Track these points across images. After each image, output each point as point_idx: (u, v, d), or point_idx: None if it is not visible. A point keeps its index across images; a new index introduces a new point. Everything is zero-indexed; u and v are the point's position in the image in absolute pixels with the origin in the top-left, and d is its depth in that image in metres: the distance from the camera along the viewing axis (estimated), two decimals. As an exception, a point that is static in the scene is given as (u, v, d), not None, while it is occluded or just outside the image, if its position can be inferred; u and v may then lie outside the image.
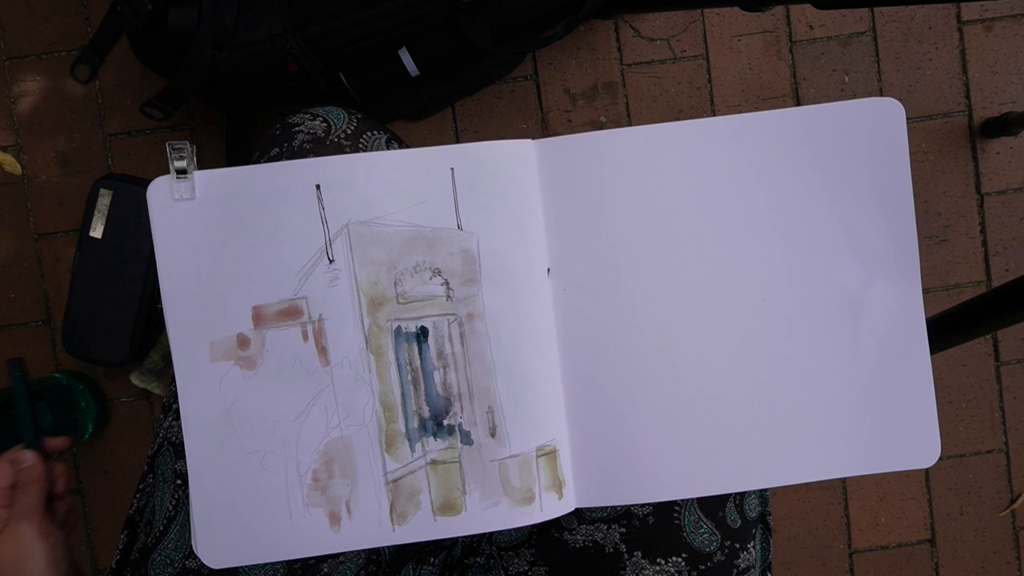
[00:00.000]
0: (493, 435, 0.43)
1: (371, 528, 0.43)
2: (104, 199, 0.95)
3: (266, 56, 0.83)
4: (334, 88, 0.91)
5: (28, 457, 0.48)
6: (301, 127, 0.53)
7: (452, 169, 0.42)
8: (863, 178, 0.43)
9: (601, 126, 1.08)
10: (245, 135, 1.04)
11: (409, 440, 0.43)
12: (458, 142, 1.07)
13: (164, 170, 0.42)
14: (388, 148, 0.55)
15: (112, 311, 0.96)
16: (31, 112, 1.05)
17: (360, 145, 0.53)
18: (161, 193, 0.42)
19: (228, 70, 0.84)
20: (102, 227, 0.95)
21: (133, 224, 0.95)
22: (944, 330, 0.45)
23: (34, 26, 1.05)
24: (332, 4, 0.81)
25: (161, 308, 0.96)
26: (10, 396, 0.50)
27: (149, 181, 1.04)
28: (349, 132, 0.53)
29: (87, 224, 0.95)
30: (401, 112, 1.04)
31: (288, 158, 0.50)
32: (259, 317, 0.42)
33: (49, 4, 1.04)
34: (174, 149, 0.41)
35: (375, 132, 0.55)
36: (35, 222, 1.06)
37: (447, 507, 0.43)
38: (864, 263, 0.44)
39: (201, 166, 1.04)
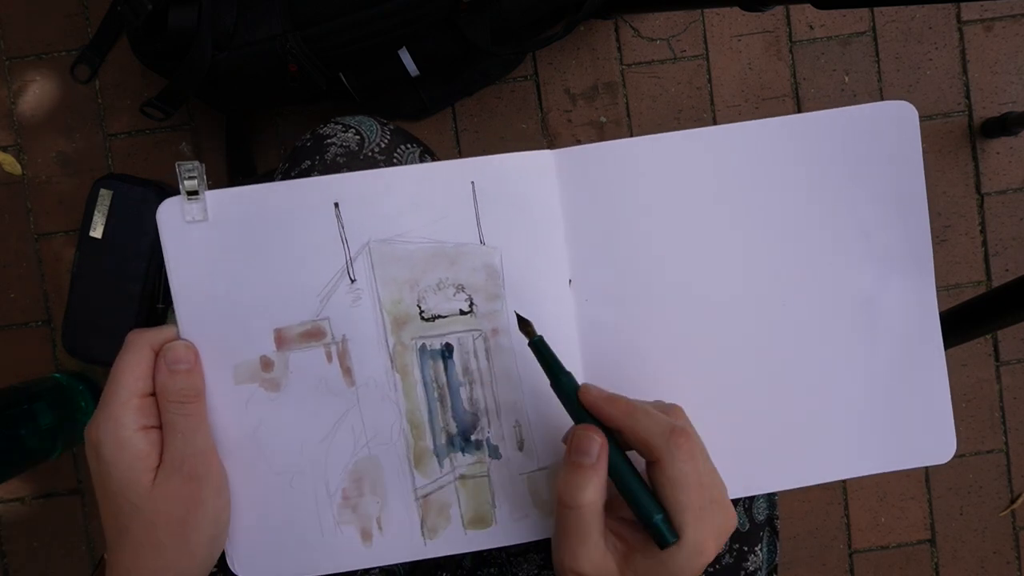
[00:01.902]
0: (521, 449, 0.43)
1: (403, 543, 0.43)
2: (104, 199, 0.95)
3: (266, 56, 0.83)
4: (334, 88, 0.91)
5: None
6: (333, 139, 0.52)
7: (472, 183, 0.42)
8: (878, 180, 0.43)
9: (601, 126, 1.08)
10: (245, 135, 1.04)
11: (437, 456, 0.43)
12: (458, 142, 1.07)
13: (164, 170, 0.42)
14: (421, 162, 0.54)
15: (112, 311, 0.96)
16: (31, 112, 1.05)
17: (394, 159, 0.52)
18: (172, 215, 0.40)
19: (228, 70, 0.84)
20: (102, 227, 0.95)
21: (133, 224, 0.95)
22: (944, 330, 0.45)
23: (34, 26, 1.05)
24: (332, 4, 0.81)
25: (161, 308, 0.96)
26: (10, 396, 0.49)
27: (149, 181, 1.03)
28: (383, 146, 0.52)
29: (87, 224, 0.95)
30: (401, 112, 1.04)
31: (320, 172, 0.50)
32: (281, 339, 0.41)
33: (49, 4, 1.04)
34: (184, 169, 0.40)
35: (409, 145, 0.54)
36: (35, 222, 1.06)
37: (477, 521, 0.43)
38: (880, 264, 0.44)
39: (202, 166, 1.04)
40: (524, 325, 0.40)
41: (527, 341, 0.40)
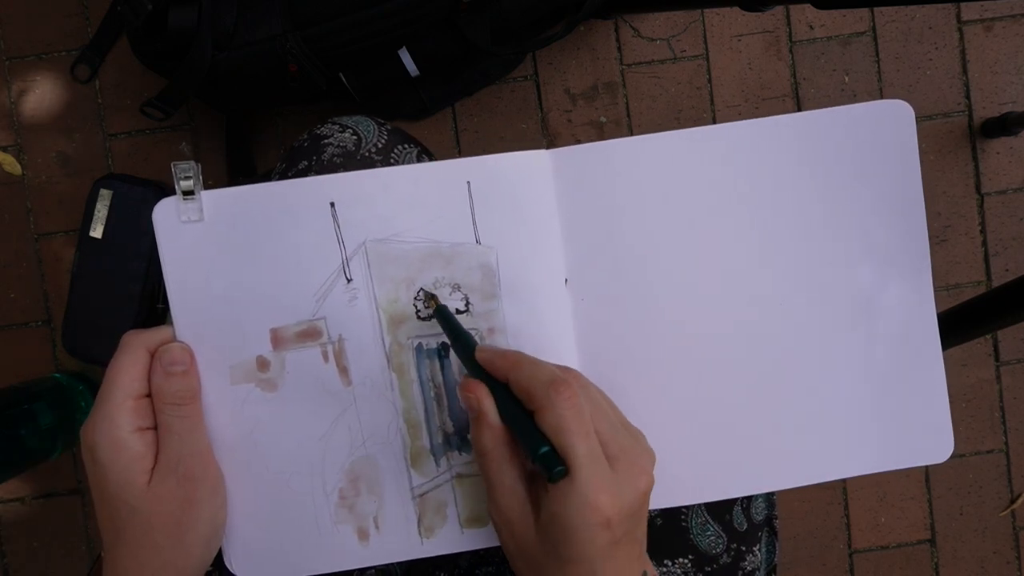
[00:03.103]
0: None
1: (400, 542, 0.43)
2: (104, 199, 0.95)
3: (266, 56, 0.83)
4: (334, 88, 0.91)
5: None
6: (330, 139, 0.52)
7: (468, 183, 0.42)
8: (875, 180, 0.43)
9: (601, 126, 1.08)
10: (245, 135, 1.04)
11: (434, 455, 0.43)
12: (458, 142, 1.07)
13: (164, 170, 0.41)
14: (419, 162, 0.54)
15: (112, 311, 0.96)
16: (31, 112, 1.05)
17: (392, 159, 0.52)
18: (168, 215, 0.40)
19: (228, 70, 0.84)
20: (102, 227, 0.95)
21: (133, 224, 0.95)
22: (944, 330, 0.45)
23: (34, 26, 1.05)
24: (332, 4, 0.81)
25: (161, 308, 0.96)
26: (10, 396, 0.49)
27: (149, 181, 1.03)
28: (380, 146, 0.52)
29: (87, 224, 0.95)
30: (401, 112, 1.04)
31: (317, 172, 0.50)
32: (278, 339, 0.41)
33: (49, 4, 1.04)
34: (179, 169, 0.40)
35: (406, 145, 0.54)
36: (35, 222, 1.06)
37: (474, 519, 0.43)
38: (878, 264, 0.44)
39: (202, 166, 1.04)
40: (428, 297, 0.42)
41: (432, 310, 0.41)
